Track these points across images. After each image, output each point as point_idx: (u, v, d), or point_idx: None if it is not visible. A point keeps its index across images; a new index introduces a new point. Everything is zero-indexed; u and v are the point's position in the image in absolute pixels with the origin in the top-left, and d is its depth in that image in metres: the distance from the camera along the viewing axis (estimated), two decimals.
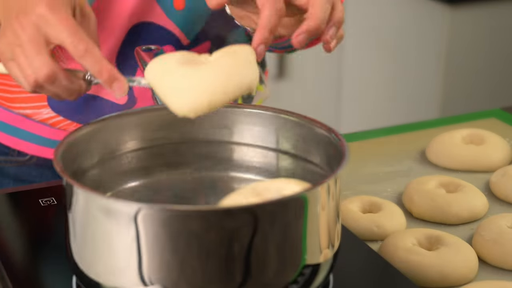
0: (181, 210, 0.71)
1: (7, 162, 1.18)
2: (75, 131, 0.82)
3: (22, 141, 1.15)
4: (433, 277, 0.89)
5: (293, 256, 0.73)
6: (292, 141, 0.86)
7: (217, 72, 0.78)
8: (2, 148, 1.17)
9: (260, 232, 0.70)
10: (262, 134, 0.88)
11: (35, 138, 1.15)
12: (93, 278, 0.74)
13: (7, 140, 1.16)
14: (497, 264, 0.94)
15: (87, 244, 0.74)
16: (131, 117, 0.87)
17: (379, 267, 0.86)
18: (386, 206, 1.02)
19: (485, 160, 1.16)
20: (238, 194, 0.77)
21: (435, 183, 1.07)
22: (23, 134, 1.14)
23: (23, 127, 1.15)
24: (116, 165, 0.86)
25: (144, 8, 1.08)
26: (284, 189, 0.76)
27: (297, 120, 0.86)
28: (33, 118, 1.13)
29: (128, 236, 0.70)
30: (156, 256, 0.70)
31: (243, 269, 0.71)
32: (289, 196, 0.74)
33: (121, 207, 0.71)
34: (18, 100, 1.13)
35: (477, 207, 1.03)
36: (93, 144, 0.84)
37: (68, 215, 0.76)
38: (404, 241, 0.93)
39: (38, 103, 1.12)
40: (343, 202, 1.02)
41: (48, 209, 0.95)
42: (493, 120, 1.32)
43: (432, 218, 1.02)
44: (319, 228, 0.74)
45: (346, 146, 0.79)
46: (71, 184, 0.74)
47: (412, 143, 1.24)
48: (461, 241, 0.94)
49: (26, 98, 1.12)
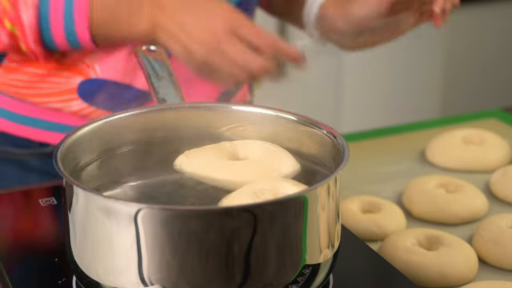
0: (181, 210, 0.71)
1: (29, 155, 1.18)
2: (75, 131, 0.82)
3: (45, 131, 1.15)
4: (433, 277, 0.89)
5: (293, 256, 0.73)
6: (292, 141, 0.86)
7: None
8: (23, 141, 1.17)
9: (260, 232, 0.70)
10: (262, 134, 0.88)
11: (59, 128, 1.15)
12: (93, 278, 0.74)
13: (28, 133, 1.17)
14: (497, 264, 0.93)
15: (87, 244, 0.74)
16: (131, 117, 0.87)
17: (379, 267, 0.86)
18: (386, 206, 1.02)
19: (485, 160, 1.16)
20: (235, 195, 0.77)
21: (435, 183, 1.07)
22: (46, 124, 1.15)
23: (46, 117, 1.16)
24: (116, 165, 0.86)
25: None
26: (281, 189, 0.76)
27: (297, 120, 0.86)
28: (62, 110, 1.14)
29: (128, 236, 0.70)
30: (156, 256, 0.70)
31: (243, 269, 0.71)
32: (289, 196, 0.74)
33: (121, 207, 0.71)
34: (45, 95, 1.14)
35: (477, 207, 1.03)
36: (93, 144, 0.84)
37: (68, 215, 0.76)
38: (404, 241, 0.93)
39: (67, 95, 1.13)
40: (343, 202, 1.02)
41: (48, 209, 0.95)
42: (493, 120, 1.32)
43: (432, 218, 1.02)
44: (319, 228, 0.74)
45: (346, 146, 0.79)
46: (71, 184, 0.74)
47: (412, 143, 1.24)
48: (461, 241, 0.94)
49: (55, 92, 1.14)
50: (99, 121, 0.85)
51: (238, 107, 0.89)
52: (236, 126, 0.88)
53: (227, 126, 0.89)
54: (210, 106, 0.89)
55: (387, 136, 1.26)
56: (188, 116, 0.88)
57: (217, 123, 0.89)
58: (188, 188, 0.82)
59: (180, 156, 0.84)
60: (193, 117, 0.88)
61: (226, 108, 0.89)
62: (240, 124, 0.88)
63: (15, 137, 1.17)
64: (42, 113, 1.16)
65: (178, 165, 0.83)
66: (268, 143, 0.86)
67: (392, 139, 1.23)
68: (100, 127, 0.85)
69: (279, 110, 0.87)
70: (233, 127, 0.88)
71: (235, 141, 0.86)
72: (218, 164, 0.82)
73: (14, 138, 1.17)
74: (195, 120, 0.88)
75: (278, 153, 0.84)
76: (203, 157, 0.83)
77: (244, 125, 0.88)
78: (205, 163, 0.82)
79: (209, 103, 0.89)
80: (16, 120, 1.17)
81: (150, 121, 0.88)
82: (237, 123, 0.88)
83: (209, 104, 0.89)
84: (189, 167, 0.82)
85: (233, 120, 0.88)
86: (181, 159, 0.83)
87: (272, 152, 0.84)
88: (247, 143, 0.86)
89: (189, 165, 0.83)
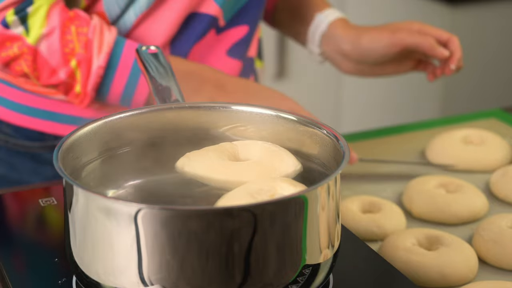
0: (181, 210, 0.71)
1: (42, 148, 1.18)
2: (75, 131, 0.82)
3: (58, 124, 1.16)
4: (433, 277, 0.89)
5: (293, 256, 0.73)
6: (292, 141, 0.86)
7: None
8: (36, 134, 1.18)
9: (260, 232, 0.70)
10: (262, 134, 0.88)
11: (72, 120, 1.16)
12: (93, 278, 0.74)
13: (41, 126, 1.17)
14: (497, 264, 0.94)
15: (87, 244, 0.74)
16: (131, 117, 0.87)
17: (379, 267, 0.86)
18: (386, 206, 1.02)
19: (485, 160, 1.16)
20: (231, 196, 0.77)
21: (435, 183, 1.07)
22: (59, 117, 1.16)
23: (59, 110, 1.17)
24: (116, 165, 0.86)
25: (197, 1, 1.14)
26: (279, 189, 0.76)
27: (297, 120, 0.86)
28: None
29: (128, 236, 0.70)
30: (156, 256, 0.70)
31: (243, 269, 0.71)
32: (289, 196, 0.74)
33: (121, 207, 0.71)
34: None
35: (477, 207, 1.03)
36: (93, 144, 0.84)
37: (68, 215, 0.76)
38: (404, 241, 0.93)
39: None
40: (343, 202, 1.02)
41: (48, 209, 0.95)
42: (493, 120, 1.32)
43: (432, 218, 1.02)
44: (319, 228, 0.74)
45: (346, 146, 0.79)
46: (71, 184, 0.74)
47: (412, 143, 1.24)
48: (461, 241, 0.94)
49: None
50: (99, 121, 0.85)
51: (238, 107, 0.89)
52: (236, 126, 0.88)
53: (227, 126, 0.89)
54: (210, 106, 0.89)
55: (387, 136, 1.27)
56: (188, 116, 0.88)
57: (217, 123, 0.89)
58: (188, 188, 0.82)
59: (182, 158, 0.84)
60: (193, 117, 0.88)
61: (226, 108, 0.89)
62: (240, 124, 0.88)
63: (28, 130, 1.18)
64: (55, 106, 1.17)
65: (180, 167, 0.83)
66: (269, 143, 0.86)
67: (392, 139, 1.23)
68: (100, 127, 0.85)
69: (279, 110, 0.87)
70: (233, 127, 0.88)
71: (236, 142, 0.86)
72: (220, 165, 0.82)
73: (27, 131, 1.18)
74: (195, 120, 0.88)
75: (279, 153, 0.84)
76: (204, 158, 0.83)
77: (244, 125, 0.88)
78: (207, 164, 0.82)
79: (209, 103, 0.89)
80: (28, 113, 1.18)
81: (150, 121, 0.87)
82: (237, 123, 0.88)
83: (209, 104, 0.89)
84: (191, 168, 0.82)
85: (233, 120, 0.88)
86: (183, 161, 0.83)
87: (273, 152, 0.84)
88: (248, 143, 0.86)
89: (191, 166, 0.83)
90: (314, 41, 1.29)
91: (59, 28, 1.06)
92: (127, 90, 1.09)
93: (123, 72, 1.08)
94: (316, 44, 1.28)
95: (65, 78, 1.08)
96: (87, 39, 1.07)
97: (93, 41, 1.07)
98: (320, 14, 1.28)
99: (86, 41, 1.07)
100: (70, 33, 1.07)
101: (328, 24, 1.27)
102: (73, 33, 1.07)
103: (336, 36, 1.26)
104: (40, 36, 1.06)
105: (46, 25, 1.06)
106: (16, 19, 1.06)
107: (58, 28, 1.06)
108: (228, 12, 1.18)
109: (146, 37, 1.14)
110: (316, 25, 1.28)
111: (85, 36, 1.07)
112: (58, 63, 1.07)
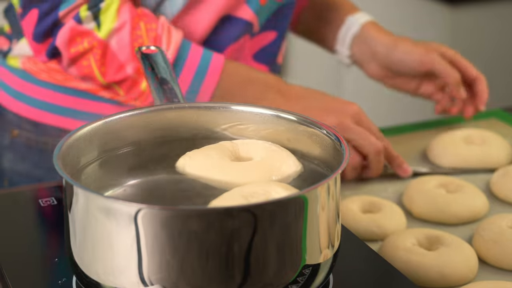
0: (181, 210, 0.71)
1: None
2: (75, 131, 0.82)
3: (80, 121, 1.17)
4: (433, 277, 0.89)
5: (293, 256, 0.73)
6: (292, 141, 0.86)
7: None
8: (64, 132, 1.18)
9: (260, 232, 0.70)
10: (262, 134, 0.88)
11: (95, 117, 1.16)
12: (93, 278, 0.74)
13: (68, 124, 1.18)
14: (497, 264, 0.93)
15: (87, 244, 0.74)
16: (131, 117, 0.87)
17: (379, 267, 0.86)
18: (386, 206, 1.02)
19: (486, 160, 1.16)
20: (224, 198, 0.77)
21: (435, 183, 1.07)
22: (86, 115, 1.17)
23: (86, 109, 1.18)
24: (116, 165, 0.86)
25: (232, 4, 1.16)
26: (272, 193, 0.76)
27: (297, 120, 0.86)
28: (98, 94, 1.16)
29: (128, 236, 0.70)
30: (156, 256, 0.70)
31: (243, 269, 0.71)
32: (289, 196, 0.74)
33: (121, 207, 0.71)
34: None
35: (477, 207, 1.03)
36: (93, 144, 0.84)
37: (68, 215, 0.76)
38: (404, 241, 0.93)
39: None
40: (343, 202, 1.02)
41: (48, 209, 0.95)
42: (493, 120, 1.32)
43: (432, 218, 1.02)
44: (319, 228, 0.74)
45: (346, 146, 0.79)
46: (71, 184, 0.74)
47: (412, 143, 1.24)
48: (461, 241, 0.94)
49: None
50: (99, 121, 0.85)
51: (238, 107, 0.89)
52: (236, 124, 0.88)
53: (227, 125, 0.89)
54: (210, 106, 0.89)
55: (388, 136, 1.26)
56: (188, 116, 0.88)
57: (217, 123, 0.89)
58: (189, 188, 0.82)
59: (182, 157, 0.84)
60: (193, 117, 0.88)
61: (226, 108, 0.89)
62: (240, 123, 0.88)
63: (56, 128, 1.19)
64: (76, 103, 1.17)
65: (181, 167, 0.83)
66: (269, 143, 0.86)
67: (393, 139, 1.23)
68: (100, 127, 0.85)
69: (279, 110, 0.87)
70: (233, 125, 0.88)
71: (236, 141, 0.86)
72: (221, 166, 0.82)
73: (55, 129, 1.19)
74: (195, 120, 0.88)
75: (279, 153, 0.84)
76: (205, 157, 0.83)
77: (245, 124, 0.88)
78: (208, 164, 0.82)
79: (209, 103, 0.89)
80: (56, 112, 1.18)
81: (150, 121, 0.87)
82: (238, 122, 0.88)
83: (209, 104, 0.89)
84: (193, 168, 0.82)
85: (233, 120, 0.88)
86: (184, 161, 0.83)
87: (274, 152, 0.84)
88: (248, 142, 0.86)
89: (192, 166, 0.82)
90: (344, 43, 1.31)
91: (129, 23, 1.08)
92: (192, 87, 1.10)
93: (190, 68, 1.10)
94: (346, 46, 1.30)
95: (132, 73, 1.09)
96: (156, 35, 1.09)
97: (162, 37, 1.09)
98: (351, 17, 1.31)
99: (155, 37, 1.08)
100: (140, 29, 1.08)
101: (360, 26, 1.30)
102: (142, 28, 1.09)
103: (369, 38, 1.28)
104: (111, 30, 1.08)
105: (117, 20, 1.08)
106: (90, 14, 1.08)
107: (128, 23, 1.08)
108: (263, 18, 1.20)
109: None
110: (347, 27, 1.30)
111: (154, 32, 1.09)
112: (127, 57, 1.08)
